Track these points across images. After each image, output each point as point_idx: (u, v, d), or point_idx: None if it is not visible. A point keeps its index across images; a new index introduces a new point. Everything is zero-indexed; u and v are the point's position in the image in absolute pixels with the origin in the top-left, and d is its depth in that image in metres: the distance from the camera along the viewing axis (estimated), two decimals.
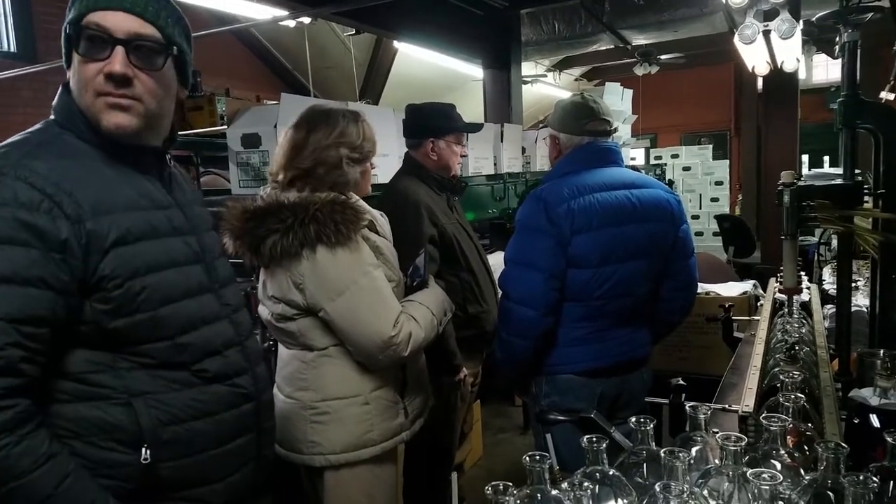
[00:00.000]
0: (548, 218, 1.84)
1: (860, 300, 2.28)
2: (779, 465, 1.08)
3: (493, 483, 0.95)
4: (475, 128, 2.52)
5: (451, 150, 2.38)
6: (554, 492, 1.02)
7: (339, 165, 1.69)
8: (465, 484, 2.94)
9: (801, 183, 1.48)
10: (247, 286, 2.10)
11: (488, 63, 5.82)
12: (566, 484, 0.95)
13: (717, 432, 1.15)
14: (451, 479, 1.10)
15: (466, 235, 2.40)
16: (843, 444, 1.01)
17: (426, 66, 6.72)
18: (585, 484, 0.94)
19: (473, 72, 6.51)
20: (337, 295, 1.61)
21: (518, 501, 1.00)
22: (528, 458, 1.02)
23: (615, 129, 2.01)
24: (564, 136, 1.99)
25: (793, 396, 1.23)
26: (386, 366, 1.70)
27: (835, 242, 3.24)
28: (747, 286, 2.83)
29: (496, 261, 2.64)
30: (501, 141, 3.86)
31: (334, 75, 6.85)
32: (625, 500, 1.05)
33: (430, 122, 2.38)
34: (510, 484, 0.95)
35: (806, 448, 1.18)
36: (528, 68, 7.26)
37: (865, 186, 1.55)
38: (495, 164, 3.78)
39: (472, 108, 2.74)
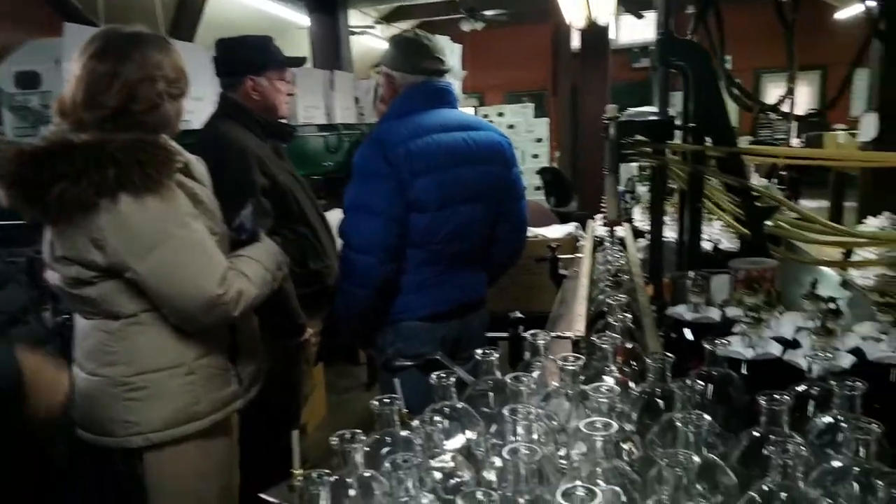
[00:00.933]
0: (386, 160, 1.78)
1: (667, 233, 2.50)
2: (611, 381, 1.12)
3: (339, 432, 0.89)
4: (298, 61, 2.35)
5: (274, 87, 2.19)
6: (404, 433, 0.98)
7: (158, 103, 1.48)
8: (310, 446, 2.86)
9: (622, 119, 1.55)
10: (30, 251, 1.81)
11: (314, 6, 5.53)
12: (416, 422, 0.91)
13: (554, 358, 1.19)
14: (292, 436, 1.02)
15: (300, 186, 2.26)
16: (669, 354, 1.07)
17: (245, 8, 6.22)
18: (436, 418, 0.91)
19: (299, 19, 6.17)
20: (147, 251, 1.42)
21: (368, 448, 0.96)
22: (376, 402, 0.98)
23: (449, 70, 1.98)
24: (399, 74, 1.92)
25: (620, 316, 1.30)
26: (212, 329, 1.55)
27: (639, 189, 3.56)
28: (570, 228, 3.01)
29: (335, 218, 2.53)
30: (332, 89, 3.70)
31: (133, 17, 6.06)
32: (474, 431, 1.05)
33: (247, 57, 2.16)
34: (358, 431, 0.89)
35: (633, 363, 1.25)
36: (356, 18, 7.02)
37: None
38: (328, 115, 3.62)
39: None
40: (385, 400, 0.97)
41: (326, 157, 3.50)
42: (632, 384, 1.14)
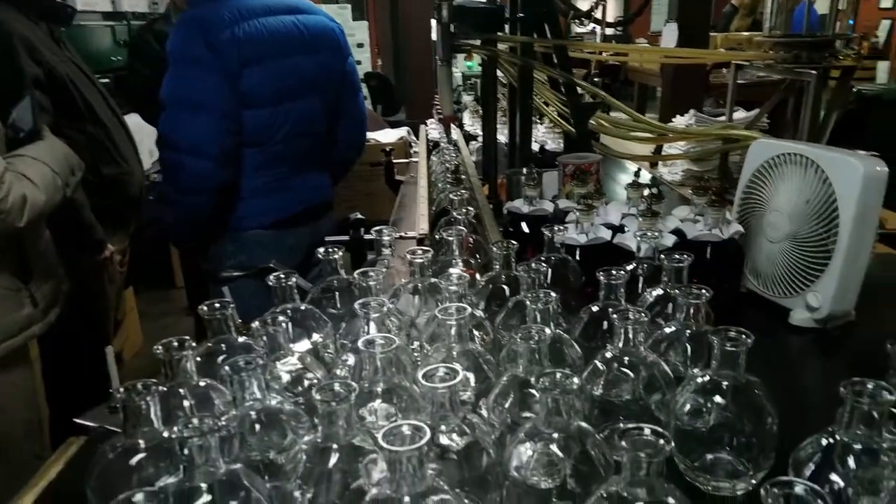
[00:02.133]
0: (209, 46, 1.56)
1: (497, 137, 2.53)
2: (458, 272, 1.11)
3: (165, 340, 0.78)
4: None
5: None
6: (241, 339, 0.89)
7: None
8: (128, 376, 2.62)
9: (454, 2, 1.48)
10: None
11: None
12: (257, 324, 0.83)
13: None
14: (107, 352, 0.89)
15: (86, 79, 1.92)
16: (514, 242, 1.08)
17: None
18: (280, 319, 0.84)
19: None
20: None
21: (200, 357, 0.86)
22: (205, 307, 0.87)
23: None
24: None
25: (465, 210, 1.29)
26: None
27: (465, 98, 3.58)
28: (402, 132, 2.95)
29: (132, 123, 2.22)
30: None
31: None
32: (321, 333, 0.99)
33: None
34: (187, 337, 0.79)
35: (477, 256, 1.26)
36: None
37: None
38: (112, 1, 3.10)
39: None
40: (216, 305, 0.87)
41: (114, 51, 3.01)
42: (478, 276, 1.14)
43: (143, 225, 2.17)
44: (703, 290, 0.84)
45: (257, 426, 0.71)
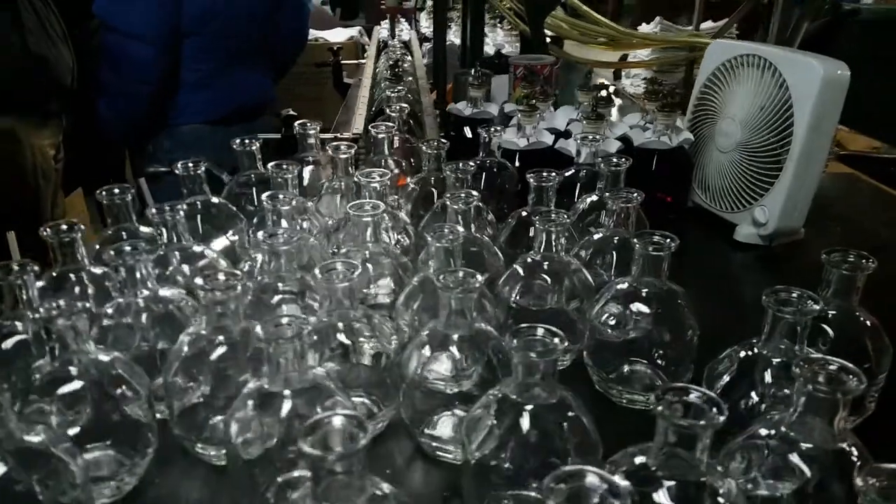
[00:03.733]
0: None
1: (452, 38, 2.40)
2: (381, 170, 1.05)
3: (53, 222, 0.71)
4: None
5: None
6: (145, 229, 0.83)
7: None
8: None
9: None
10: None
11: None
12: (153, 211, 0.76)
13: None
14: (9, 237, 0.81)
15: None
16: (444, 140, 1.01)
17: None
18: (179, 206, 0.77)
19: None
20: None
21: (98, 246, 0.80)
22: (104, 192, 0.80)
23: None
24: None
25: (398, 107, 1.20)
26: None
27: None
28: (353, 31, 2.77)
29: None
30: None
31: None
32: (235, 229, 0.93)
33: None
34: (76, 221, 0.72)
35: (412, 160, 1.19)
36: None
37: None
38: None
39: None
40: (115, 190, 0.80)
41: None
42: (408, 179, 1.08)
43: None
44: (635, 193, 0.79)
45: (143, 315, 0.66)
